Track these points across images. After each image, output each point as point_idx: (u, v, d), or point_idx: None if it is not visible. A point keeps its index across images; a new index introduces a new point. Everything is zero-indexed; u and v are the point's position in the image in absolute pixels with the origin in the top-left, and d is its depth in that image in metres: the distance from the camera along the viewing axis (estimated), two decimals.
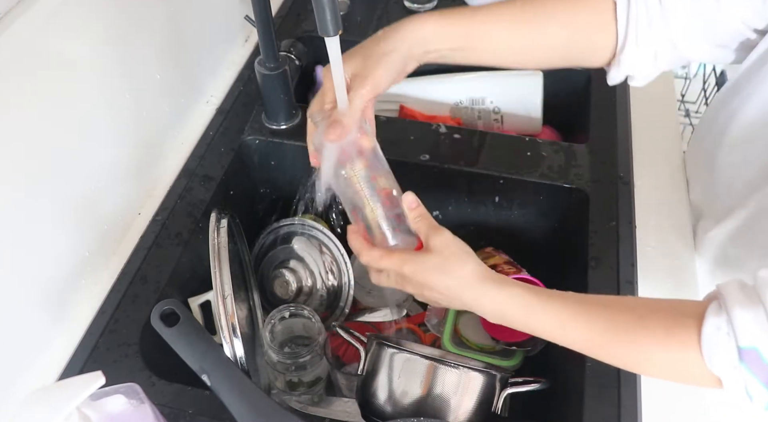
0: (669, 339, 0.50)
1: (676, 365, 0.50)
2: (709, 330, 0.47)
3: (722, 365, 0.47)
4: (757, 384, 0.46)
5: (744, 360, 0.46)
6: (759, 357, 0.45)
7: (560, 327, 0.55)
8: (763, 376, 0.45)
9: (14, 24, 0.58)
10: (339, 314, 0.89)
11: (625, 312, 0.53)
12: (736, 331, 0.46)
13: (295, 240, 0.90)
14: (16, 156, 0.61)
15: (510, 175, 0.84)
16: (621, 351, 0.53)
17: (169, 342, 0.63)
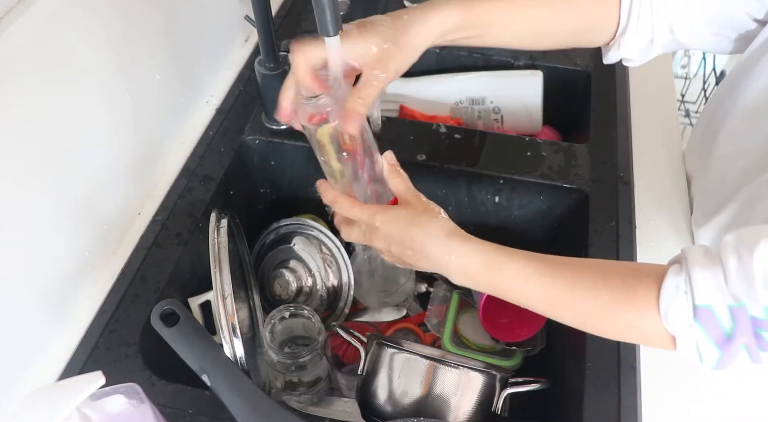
0: (629, 297, 0.50)
1: (634, 323, 0.51)
2: (669, 288, 0.48)
3: (677, 322, 0.47)
4: (708, 342, 0.47)
5: (698, 318, 0.46)
6: (713, 316, 0.46)
7: (523, 283, 0.55)
8: (715, 335, 0.46)
9: (14, 24, 0.58)
10: (339, 314, 0.89)
11: (588, 271, 0.53)
12: (694, 290, 0.46)
13: (295, 240, 0.90)
14: (16, 156, 0.61)
15: (510, 175, 0.84)
16: (581, 308, 0.53)
17: (169, 342, 0.63)
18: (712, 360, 0.48)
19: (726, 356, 0.47)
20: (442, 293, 0.93)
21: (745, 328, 0.45)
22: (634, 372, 0.66)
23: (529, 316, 0.82)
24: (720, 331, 0.46)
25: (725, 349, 0.47)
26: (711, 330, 0.46)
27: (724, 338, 0.46)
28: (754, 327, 0.45)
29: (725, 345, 0.46)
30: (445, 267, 0.58)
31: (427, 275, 0.94)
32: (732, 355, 0.47)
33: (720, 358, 0.47)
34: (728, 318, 0.46)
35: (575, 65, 1.02)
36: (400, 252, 0.61)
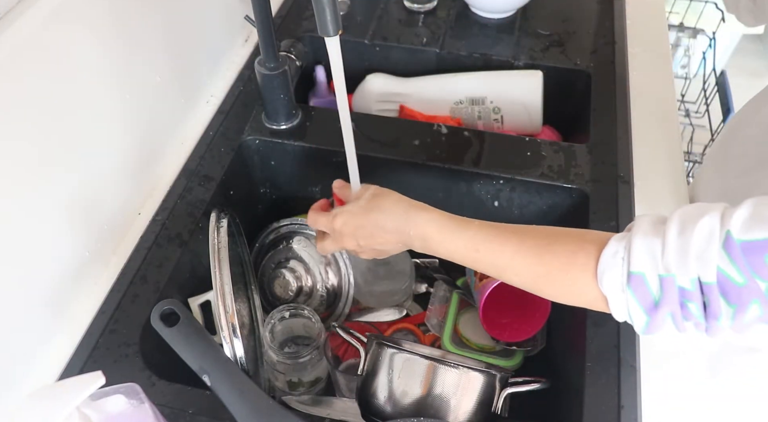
0: (570, 262, 0.53)
1: (574, 286, 0.53)
2: (608, 253, 0.50)
3: (611, 286, 0.50)
4: (638, 308, 0.49)
5: (630, 284, 0.49)
6: (644, 283, 0.48)
7: (474, 251, 0.58)
8: (644, 301, 0.49)
9: (14, 24, 0.58)
10: (339, 314, 0.89)
11: (535, 238, 0.56)
12: (630, 257, 0.49)
13: (295, 240, 0.90)
14: (16, 156, 0.61)
15: (510, 175, 0.84)
16: (527, 273, 0.56)
17: (169, 342, 0.63)
18: (641, 324, 0.50)
19: (653, 321, 0.49)
20: (442, 293, 0.93)
21: (672, 298, 0.48)
22: (634, 372, 0.66)
23: (529, 316, 0.82)
24: (649, 298, 0.49)
25: (652, 315, 0.49)
26: (641, 296, 0.49)
27: (652, 304, 0.49)
28: (681, 298, 0.47)
29: (652, 311, 0.49)
30: (407, 237, 0.62)
31: (428, 275, 0.94)
32: (659, 321, 0.49)
33: (648, 322, 0.50)
34: (657, 287, 0.48)
35: (575, 65, 1.02)
36: (369, 243, 0.65)
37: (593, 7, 1.12)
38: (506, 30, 1.09)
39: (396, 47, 1.07)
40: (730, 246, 0.45)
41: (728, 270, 0.45)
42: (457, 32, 1.08)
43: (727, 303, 0.46)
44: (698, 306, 0.47)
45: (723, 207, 0.48)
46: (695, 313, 0.48)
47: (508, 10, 1.10)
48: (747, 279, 0.45)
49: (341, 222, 0.65)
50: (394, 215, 0.62)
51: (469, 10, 1.11)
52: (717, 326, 0.48)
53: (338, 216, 0.65)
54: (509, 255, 0.57)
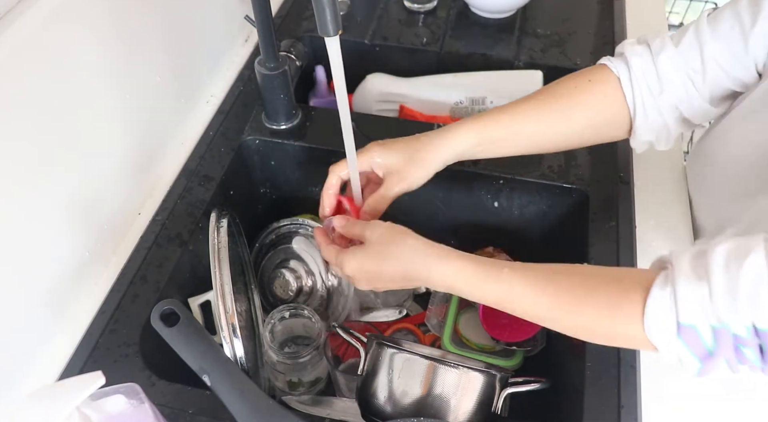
0: (614, 313, 0.51)
1: (619, 334, 0.52)
2: (653, 303, 0.49)
3: (661, 338, 0.49)
4: (691, 357, 0.48)
5: (681, 335, 0.48)
6: (696, 335, 0.47)
7: (509, 302, 0.57)
8: (698, 351, 0.48)
9: (14, 24, 0.58)
10: (339, 314, 0.89)
11: (574, 287, 0.54)
12: (678, 307, 0.47)
13: (295, 240, 0.90)
14: (16, 156, 0.61)
15: (510, 175, 0.84)
16: (568, 324, 0.56)
17: (169, 342, 0.63)
18: (694, 370, 0.49)
19: (706, 368, 0.49)
20: (442, 293, 0.93)
21: (727, 346, 0.46)
22: (634, 372, 0.66)
23: None
24: (702, 348, 0.47)
25: (706, 363, 0.48)
26: (693, 346, 0.48)
27: (705, 354, 0.48)
28: (735, 344, 0.46)
29: (706, 360, 0.48)
30: (432, 285, 0.60)
31: None
32: (713, 368, 0.48)
33: (701, 369, 0.49)
34: (711, 337, 0.47)
35: (575, 65, 1.02)
36: (385, 285, 0.63)
37: (593, 7, 1.12)
38: (506, 30, 1.09)
39: (396, 47, 1.07)
40: None
41: None
42: (457, 32, 1.08)
43: None
44: (754, 351, 0.46)
45: (764, 240, 0.46)
46: (751, 358, 0.46)
47: (508, 10, 1.10)
48: None
49: (351, 269, 0.62)
50: (413, 266, 0.59)
51: (469, 10, 1.11)
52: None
53: (347, 262, 0.62)
54: (546, 309, 0.55)
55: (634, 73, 0.67)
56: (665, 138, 0.70)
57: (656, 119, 0.68)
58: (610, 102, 0.69)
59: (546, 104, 0.70)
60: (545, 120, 0.70)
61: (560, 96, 0.70)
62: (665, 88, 0.66)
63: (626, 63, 0.68)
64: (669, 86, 0.66)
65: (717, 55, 0.63)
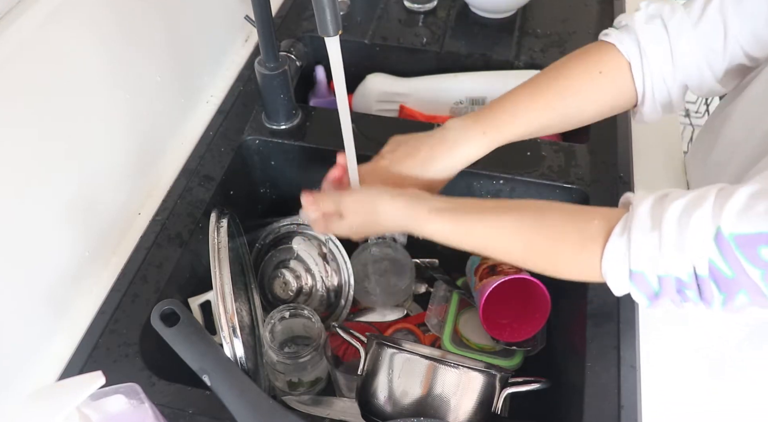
0: (579, 258, 0.57)
1: (584, 272, 0.58)
2: (610, 252, 0.54)
3: (615, 281, 0.55)
4: (640, 295, 0.55)
5: (632, 280, 0.54)
6: (645, 280, 0.53)
7: (484, 251, 0.63)
8: (646, 292, 0.54)
9: (14, 24, 0.58)
10: (339, 314, 0.89)
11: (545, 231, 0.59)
12: (631, 255, 0.53)
13: (294, 240, 0.89)
14: (17, 156, 0.61)
15: (510, 175, 0.84)
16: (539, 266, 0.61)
17: (169, 342, 0.63)
18: (643, 306, 0.56)
19: (654, 304, 0.55)
20: (442, 293, 0.93)
21: (670, 290, 0.52)
22: (634, 372, 0.66)
23: (529, 316, 0.82)
24: (650, 290, 0.54)
25: (653, 301, 0.55)
26: (643, 289, 0.54)
27: (653, 295, 0.54)
28: (678, 287, 0.52)
29: (653, 299, 0.54)
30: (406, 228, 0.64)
31: (427, 276, 0.94)
32: (659, 305, 0.55)
33: (649, 305, 0.55)
34: (657, 283, 0.53)
35: None
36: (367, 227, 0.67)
37: (593, 7, 1.12)
38: (506, 30, 1.09)
39: (396, 47, 1.07)
40: (720, 241, 0.48)
41: (719, 263, 0.49)
42: (457, 32, 1.08)
43: (719, 291, 0.50)
44: (695, 292, 0.52)
45: (715, 195, 0.50)
46: (692, 297, 0.52)
47: (508, 10, 1.09)
48: (735, 272, 0.48)
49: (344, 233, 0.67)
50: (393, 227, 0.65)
51: (469, 10, 1.11)
52: (710, 309, 0.52)
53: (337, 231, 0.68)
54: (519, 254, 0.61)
55: (647, 59, 0.65)
56: (668, 110, 0.71)
57: (663, 97, 0.69)
58: (619, 92, 0.69)
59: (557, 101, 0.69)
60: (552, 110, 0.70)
61: (570, 93, 0.69)
62: (678, 70, 0.66)
63: (638, 45, 0.66)
64: (682, 69, 0.66)
65: (739, 34, 0.62)
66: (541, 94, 0.69)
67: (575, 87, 0.69)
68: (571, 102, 0.69)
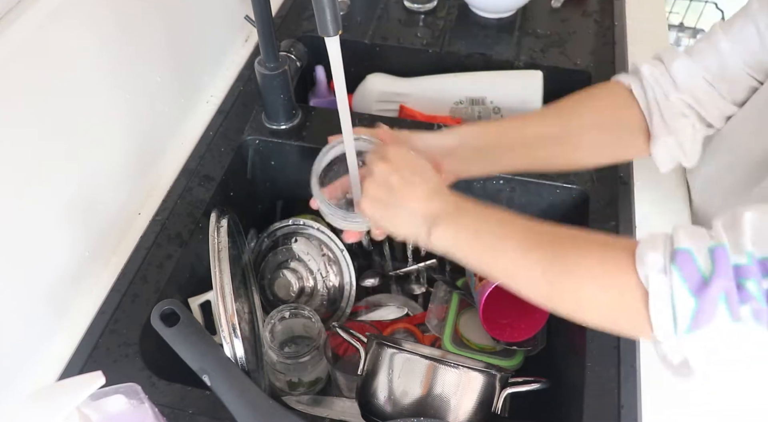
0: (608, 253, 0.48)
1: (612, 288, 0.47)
2: (645, 241, 0.46)
3: (653, 266, 0.44)
4: (684, 290, 0.42)
5: (676, 262, 0.43)
6: (691, 259, 0.42)
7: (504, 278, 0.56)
8: (692, 280, 0.42)
9: (14, 24, 0.58)
10: (340, 314, 0.89)
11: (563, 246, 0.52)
12: (674, 237, 0.44)
13: (295, 240, 0.90)
14: (16, 156, 0.61)
15: (510, 175, 0.84)
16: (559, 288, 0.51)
17: (169, 342, 0.63)
18: (687, 313, 0.42)
19: (702, 306, 0.42)
20: (442, 293, 0.93)
21: (725, 270, 0.41)
22: (634, 372, 0.66)
23: (529, 316, 0.82)
24: (697, 275, 0.42)
25: (701, 296, 0.42)
26: (688, 274, 0.42)
27: (700, 282, 0.42)
28: (736, 276, 0.41)
29: (701, 290, 0.42)
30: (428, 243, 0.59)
31: (428, 276, 0.94)
32: (709, 305, 0.42)
33: (695, 310, 0.42)
34: (707, 260, 0.42)
35: (575, 65, 1.02)
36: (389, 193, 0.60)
37: (593, 7, 1.12)
38: (506, 30, 1.09)
39: (396, 47, 1.07)
40: None
41: None
42: (457, 32, 1.08)
43: None
44: (757, 283, 0.40)
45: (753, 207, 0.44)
46: (754, 293, 0.40)
47: (508, 10, 1.10)
48: None
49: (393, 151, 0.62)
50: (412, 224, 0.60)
51: (469, 10, 1.11)
52: None
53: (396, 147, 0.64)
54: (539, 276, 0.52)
55: (646, 79, 0.67)
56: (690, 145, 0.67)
57: (672, 117, 0.66)
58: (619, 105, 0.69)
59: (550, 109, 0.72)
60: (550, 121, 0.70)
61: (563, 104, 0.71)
62: (682, 90, 0.66)
63: (637, 74, 0.68)
64: (685, 89, 0.66)
65: (733, 53, 0.63)
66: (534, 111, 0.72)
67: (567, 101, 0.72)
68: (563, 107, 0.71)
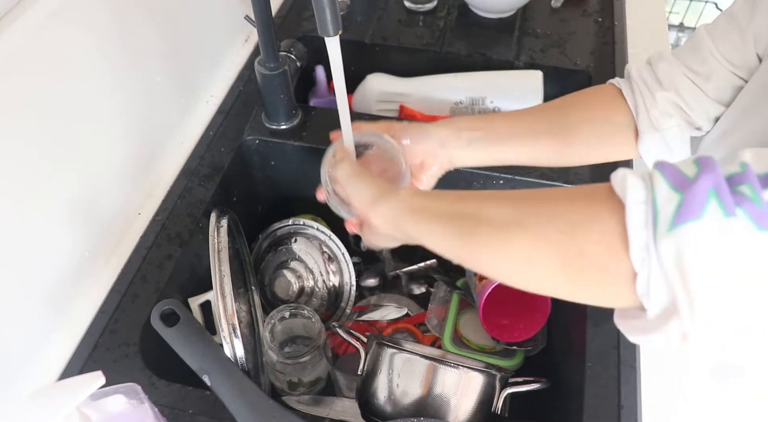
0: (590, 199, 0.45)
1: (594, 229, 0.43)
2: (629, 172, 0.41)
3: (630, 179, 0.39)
4: (666, 187, 0.37)
5: (658, 166, 0.39)
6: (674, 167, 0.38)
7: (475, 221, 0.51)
8: (675, 179, 0.37)
9: (14, 24, 0.58)
10: (340, 314, 0.89)
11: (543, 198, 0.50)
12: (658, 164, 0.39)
13: (294, 240, 0.90)
14: (16, 156, 0.61)
15: (510, 175, 0.84)
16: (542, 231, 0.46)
17: (169, 342, 0.63)
18: (670, 210, 0.36)
19: (688, 197, 0.36)
20: (442, 294, 0.93)
21: (713, 170, 0.37)
22: (634, 372, 0.66)
23: (529, 316, 0.82)
24: (680, 176, 0.38)
25: (687, 189, 0.36)
26: (670, 174, 0.38)
27: (684, 180, 0.37)
28: (729, 183, 0.36)
29: (687, 186, 0.37)
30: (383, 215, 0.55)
31: (427, 276, 0.94)
32: (697, 197, 0.36)
33: (680, 202, 0.36)
34: (693, 166, 0.38)
35: (575, 65, 1.02)
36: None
37: (593, 7, 1.12)
38: (506, 30, 1.09)
39: (396, 47, 1.07)
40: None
41: None
42: (457, 32, 1.08)
43: None
44: (753, 187, 0.35)
45: None
46: (749, 194, 0.35)
47: (508, 10, 1.10)
48: None
49: None
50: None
51: (469, 10, 1.11)
52: None
53: None
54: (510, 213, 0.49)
55: (634, 80, 0.68)
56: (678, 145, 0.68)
57: (661, 120, 0.67)
58: (610, 105, 0.70)
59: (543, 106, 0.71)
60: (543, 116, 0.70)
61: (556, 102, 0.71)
62: (666, 87, 0.67)
63: (627, 76, 0.70)
64: (669, 87, 0.67)
65: (716, 51, 0.64)
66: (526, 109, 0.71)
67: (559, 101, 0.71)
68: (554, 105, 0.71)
